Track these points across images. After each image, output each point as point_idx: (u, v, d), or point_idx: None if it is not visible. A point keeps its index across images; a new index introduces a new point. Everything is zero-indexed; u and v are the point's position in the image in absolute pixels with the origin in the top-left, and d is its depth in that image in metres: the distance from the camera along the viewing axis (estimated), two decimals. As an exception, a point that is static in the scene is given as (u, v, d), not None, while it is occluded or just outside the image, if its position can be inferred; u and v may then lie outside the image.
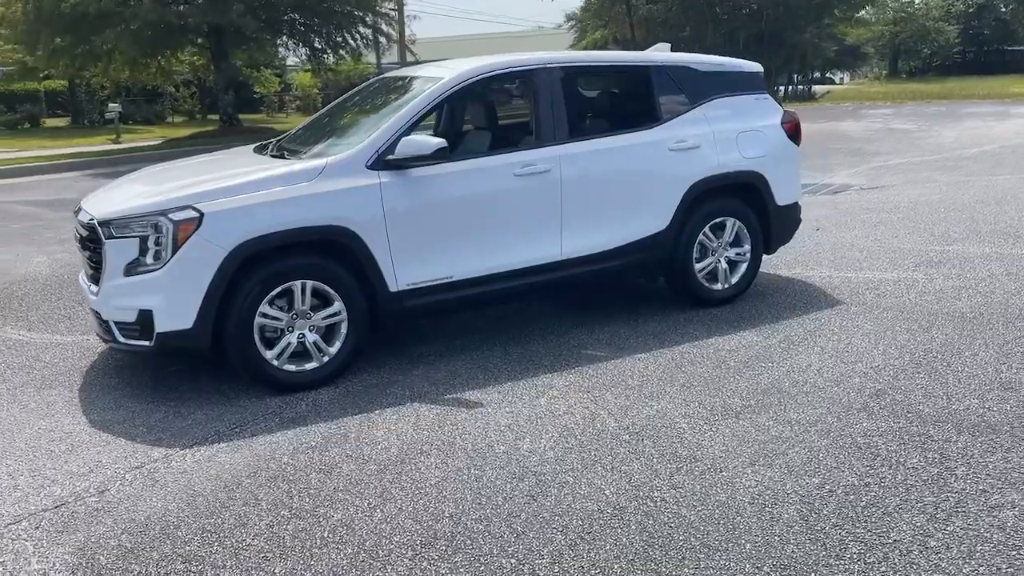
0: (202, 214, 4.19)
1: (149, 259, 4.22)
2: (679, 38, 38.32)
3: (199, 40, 21.59)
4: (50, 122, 32.57)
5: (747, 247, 5.78)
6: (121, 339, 4.37)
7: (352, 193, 4.47)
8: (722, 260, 5.72)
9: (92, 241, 4.46)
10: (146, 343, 4.28)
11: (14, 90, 34.64)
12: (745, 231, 5.75)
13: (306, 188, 4.40)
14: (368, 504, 3.26)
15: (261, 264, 4.31)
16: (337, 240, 4.44)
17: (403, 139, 4.57)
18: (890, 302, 5.65)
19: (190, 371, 4.74)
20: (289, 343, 4.42)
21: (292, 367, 4.45)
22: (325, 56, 23.13)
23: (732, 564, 2.79)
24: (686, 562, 2.81)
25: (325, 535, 3.05)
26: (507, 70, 5.22)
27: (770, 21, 38.21)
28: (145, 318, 4.22)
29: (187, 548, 2.99)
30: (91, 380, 4.75)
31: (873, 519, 3.02)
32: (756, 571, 2.75)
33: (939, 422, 3.78)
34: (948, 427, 3.73)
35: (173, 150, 17.77)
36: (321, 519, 3.16)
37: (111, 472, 3.60)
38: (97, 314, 4.50)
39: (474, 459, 3.60)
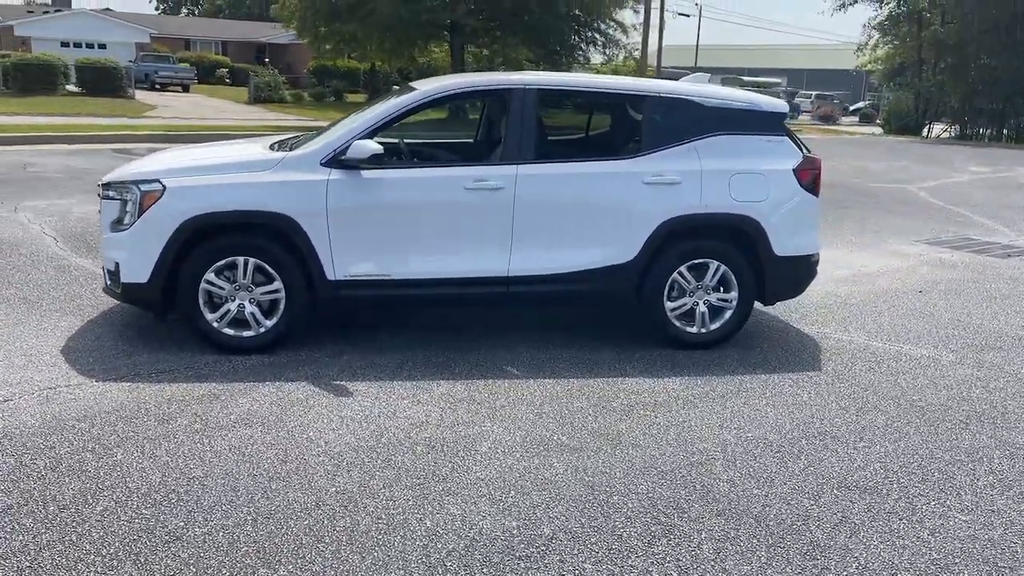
0: (164, 187, 4.90)
1: (126, 220, 5.01)
2: (978, 65, 34.56)
3: (442, 34, 23.28)
4: (352, 97, 36.89)
5: (733, 294, 5.47)
6: (108, 284, 5.22)
7: (299, 186, 4.95)
8: (701, 303, 5.48)
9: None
10: (117, 291, 5.09)
11: (328, 66, 39.64)
12: (732, 277, 5.45)
13: (260, 177, 4.96)
14: (155, 458, 3.74)
15: (210, 237, 4.94)
16: (279, 227, 4.95)
17: (355, 142, 4.97)
18: (875, 379, 5.09)
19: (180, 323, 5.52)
20: (229, 310, 5.02)
21: (231, 331, 5.05)
22: (558, 58, 23.90)
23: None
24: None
25: (91, 487, 3.58)
26: (479, 88, 5.42)
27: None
28: (116, 269, 5.02)
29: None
30: (106, 314, 5.69)
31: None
32: None
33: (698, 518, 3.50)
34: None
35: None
36: (100, 469, 3.69)
37: (28, 387, 4.41)
38: None
39: (277, 442, 3.94)
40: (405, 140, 6.10)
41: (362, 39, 21.15)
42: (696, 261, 5.41)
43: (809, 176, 5.54)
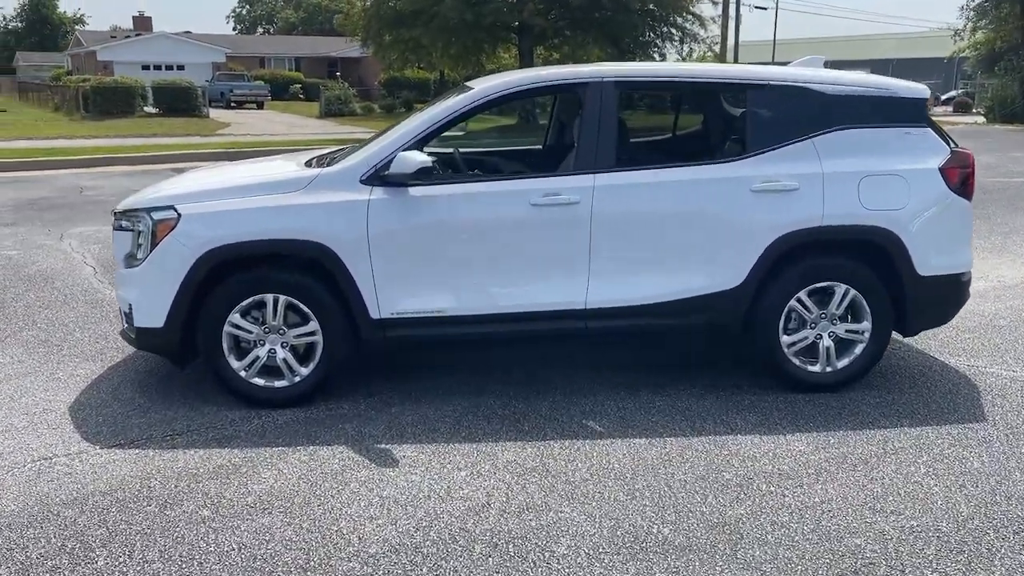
0: (179, 215, 4.16)
1: (139, 254, 4.30)
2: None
3: (511, 37, 22.52)
4: (420, 106, 36.76)
5: (866, 324, 4.43)
6: (124, 327, 4.52)
7: (333, 208, 4.15)
8: (825, 336, 4.45)
9: (118, 229, 4.69)
10: (132, 336, 4.39)
11: (398, 78, 39.50)
12: (864, 303, 4.41)
13: (288, 199, 4.18)
14: (145, 564, 2.96)
15: (233, 272, 4.19)
16: (313, 257, 4.17)
17: (400, 154, 4.14)
18: (1062, 432, 3.98)
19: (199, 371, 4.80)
20: (258, 357, 4.25)
21: (260, 381, 4.28)
22: (632, 57, 22.86)
23: None
24: None
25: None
26: (547, 83, 4.52)
27: None
28: (130, 311, 4.32)
29: (-34, 558, 2.95)
30: (131, 359, 5.02)
31: None
32: None
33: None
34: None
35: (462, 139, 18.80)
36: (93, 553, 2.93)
37: (21, 456, 3.72)
38: None
39: (299, 538, 3.12)
40: (460, 150, 5.27)
41: (427, 45, 20.57)
42: (819, 285, 4.39)
43: (959, 176, 4.46)
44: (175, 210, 4.18)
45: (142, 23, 58.01)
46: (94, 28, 58.64)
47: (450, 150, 5.22)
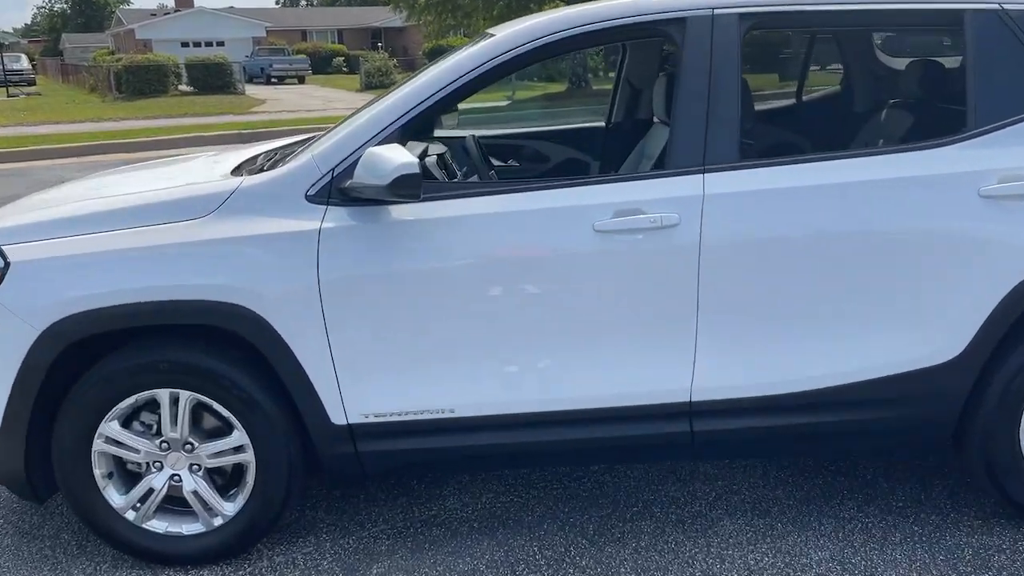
0: (6, 262, 2.51)
1: (-39, 324, 2.66)
2: None
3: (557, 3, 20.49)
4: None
5: None
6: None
7: (258, 245, 2.45)
8: (1099, 439, 2.63)
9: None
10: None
11: (443, 46, 37.82)
12: None
13: (186, 231, 2.48)
14: None
15: (102, 355, 2.54)
16: (230, 328, 2.48)
17: (369, 152, 2.40)
18: None
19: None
20: (153, 488, 2.61)
21: (160, 526, 2.64)
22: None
23: None
24: None
25: None
26: (613, 23, 2.65)
27: None
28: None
29: None
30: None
31: None
32: None
33: None
34: None
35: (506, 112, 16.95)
36: None
37: None
38: None
39: None
40: (479, 134, 3.51)
41: (465, 5, 18.67)
42: (1094, 354, 2.56)
43: None
44: (1, 254, 2.52)
45: (184, 1, 57.08)
46: (138, 6, 57.91)
47: (462, 134, 3.46)
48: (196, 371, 2.49)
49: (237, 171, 2.85)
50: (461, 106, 3.11)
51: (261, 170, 2.75)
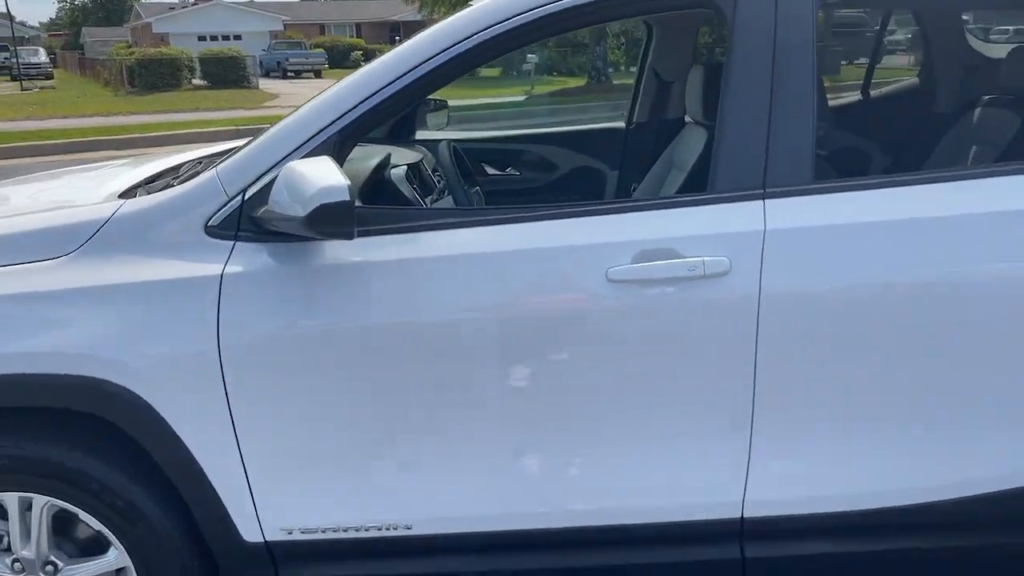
0: None
1: None
2: None
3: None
4: (486, 71, 34.43)
5: None
6: None
7: (133, 298, 1.74)
8: None
9: None
10: None
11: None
12: None
13: (31, 277, 1.78)
14: None
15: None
16: (99, 413, 1.78)
17: (288, 168, 1.68)
18: None
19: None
20: (1, 623, 1.92)
21: (17, 671, 1.95)
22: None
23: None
24: None
25: None
26: None
27: None
28: None
29: None
30: None
31: None
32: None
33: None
34: None
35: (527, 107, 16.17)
36: None
37: None
38: None
39: None
40: (463, 137, 2.79)
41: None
42: None
43: None
44: None
45: (203, -7, 56.71)
46: (157, 0, 57.64)
47: (439, 137, 2.74)
48: (50, 469, 1.79)
49: (132, 191, 2.14)
50: (467, 101, 2.39)
51: (169, 187, 2.03)
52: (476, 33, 1.81)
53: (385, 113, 1.88)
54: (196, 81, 28.63)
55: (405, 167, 2.36)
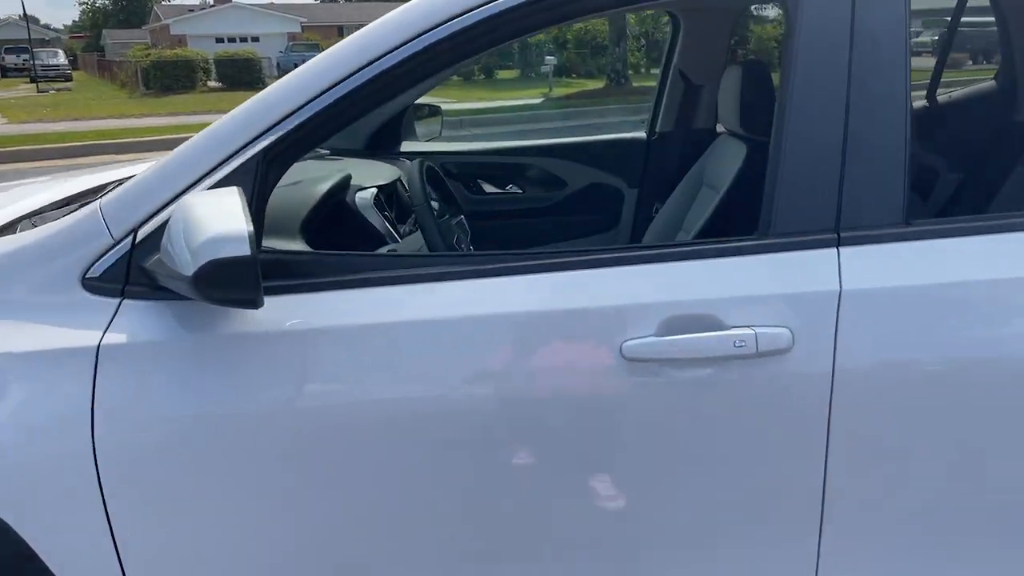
0: None
1: None
2: None
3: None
4: (503, 74, 34.21)
5: None
6: None
7: (-19, 381, 1.29)
8: None
9: None
10: None
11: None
12: None
13: None
14: None
15: None
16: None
17: (184, 203, 1.22)
18: None
19: None
20: None
21: None
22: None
23: None
24: None
25: None
26: None
27: None
28: None
29: None
30: None
31: None
32: None
33: None
34: None
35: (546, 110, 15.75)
36: None
37: None
38: None
39: None
40: (435, 159, 2.33)
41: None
42: None
43: None
44: None
45: (222, -5, 56.72)
46: (177, 2, 57.78)
47: (420, 149, 2.28)
48: None
49: (14, 224, 1.68)
50: (476, 105, 1.95)
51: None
52: (443, 22, 1.34)
53: (331, 124, 1.41)
54: (211, 83, 28.43)
55: (374, 189, 1.89)
